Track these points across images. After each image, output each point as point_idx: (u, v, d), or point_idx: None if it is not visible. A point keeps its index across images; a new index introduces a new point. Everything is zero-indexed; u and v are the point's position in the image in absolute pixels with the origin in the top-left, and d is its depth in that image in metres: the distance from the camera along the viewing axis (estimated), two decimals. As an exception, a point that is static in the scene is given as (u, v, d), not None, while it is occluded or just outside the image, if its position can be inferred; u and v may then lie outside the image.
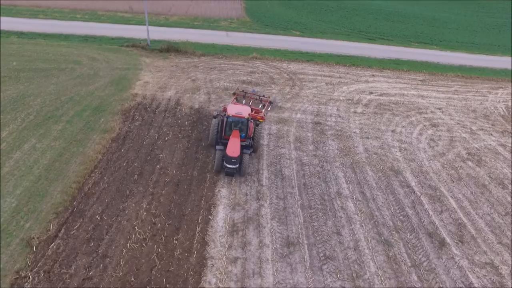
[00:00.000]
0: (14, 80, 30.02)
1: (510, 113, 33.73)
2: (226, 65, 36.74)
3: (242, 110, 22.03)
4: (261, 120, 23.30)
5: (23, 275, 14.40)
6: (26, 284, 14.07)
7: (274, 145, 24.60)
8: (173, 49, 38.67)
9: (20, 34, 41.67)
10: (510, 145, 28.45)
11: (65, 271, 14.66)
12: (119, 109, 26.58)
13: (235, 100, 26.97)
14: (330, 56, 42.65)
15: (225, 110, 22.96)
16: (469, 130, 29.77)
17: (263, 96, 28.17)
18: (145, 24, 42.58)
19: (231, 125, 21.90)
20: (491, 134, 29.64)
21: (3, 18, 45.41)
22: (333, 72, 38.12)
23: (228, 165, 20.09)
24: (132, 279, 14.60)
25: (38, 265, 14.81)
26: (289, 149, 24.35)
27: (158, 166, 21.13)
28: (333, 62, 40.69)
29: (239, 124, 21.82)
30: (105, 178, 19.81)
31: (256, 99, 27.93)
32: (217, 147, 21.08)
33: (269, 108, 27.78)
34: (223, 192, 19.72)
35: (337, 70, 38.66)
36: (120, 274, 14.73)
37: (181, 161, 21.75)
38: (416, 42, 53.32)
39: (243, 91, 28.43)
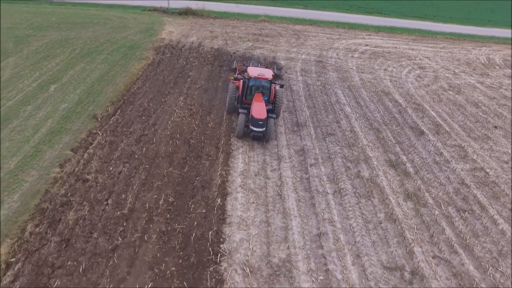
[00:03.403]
0: (56, 29, 34.56)
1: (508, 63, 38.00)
2: (239, 24, 41.33)
3: (264, 71, 20.69)
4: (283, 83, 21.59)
5: (94, 132, 18.77)
6: (98, 137, 18.42)
7: (283, 72, 28.98)
8: (191, 12, 43.32)
9: (51, 3, 46.29)
10: (487, 82, 32.71)
11: (125, 129, 19.04)
12: (150, 47, 31.09)
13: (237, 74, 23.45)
14: (331, 22, 47.10)
15: (235, 82, 21.16)
16: (452, 72, 34.08)
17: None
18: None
19: (253, 89, 20.34)
20: (471, 75, 33.95)
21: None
22: (333, 31, 42.60)
23: (254, 129, 18.51)
24: (178, 135, 18.95)
25: (104, 127, 19.19)
26: (296, 76, 28.75)
27: (189, 79, 25.56)
28: (334, 25, 45.19)
29: (261, 87, 20.31)
30: (146, 85, 24.24)
31: None
32: (240, 110, 19.41)
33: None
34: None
35: (337, 31, 43.15)
36: (168, 133, 19.09)
37: (207, 77, 26.19)
38: (411, 16, 57.74)
39: (244, 64, 25.31)
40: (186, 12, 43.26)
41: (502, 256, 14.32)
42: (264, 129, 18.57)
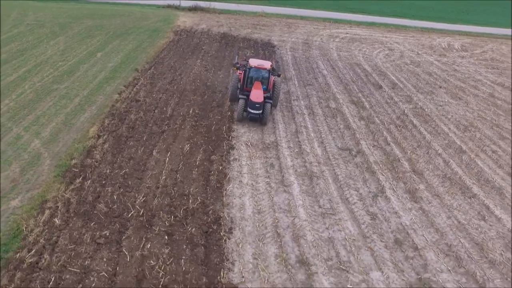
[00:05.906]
0: (90, 18, 42.01)
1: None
2: (240, 17, 49.08)
3: (264, 63, 22.55)
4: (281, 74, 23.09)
5: (137, 78, 25.94)
6: (141, 80, 25.54)
7: (276, 49, 36.38)
8: (199, 8, 51.05)
9: (77, 2, 53.94)
10: (443, 60, 40.13)
11: (160, 76, 26.24)
12: (170, 30, 38.58)
13: (237, 71, 23.62)
14: (319, 18, 54.80)
15: (240, 74, 22.88)
16: (416, 53, 41.53)
17: None
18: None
19: (253, 78, 22.16)
20: (431, 55, 41.39)
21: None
22: (319, 24, 50.32)
23: (252, 111, 20.61)
24: (198, 81, 26.14)
25: (144, 75, 26.37)
26: (286, 51, 36.14)
27: (202, 50, 32.94)
28: (321, 20, 52.88)
29: (261, 77, 22.10)
30: (171, 53, 31.57)
31: None
32: (240, 96, 21.37)
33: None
34: (244, 63, 31.33)
35: (323, 24, 50.86)
36: (191, 79, 26.29)
37: (216, 49, 33.60)
38: (391, 15, 65.53)
39: (245, 59, 25.30)
40: (195, 8, 51.02)
41: (420, 147, 21.35)
42: (260, 111, 20.71)
